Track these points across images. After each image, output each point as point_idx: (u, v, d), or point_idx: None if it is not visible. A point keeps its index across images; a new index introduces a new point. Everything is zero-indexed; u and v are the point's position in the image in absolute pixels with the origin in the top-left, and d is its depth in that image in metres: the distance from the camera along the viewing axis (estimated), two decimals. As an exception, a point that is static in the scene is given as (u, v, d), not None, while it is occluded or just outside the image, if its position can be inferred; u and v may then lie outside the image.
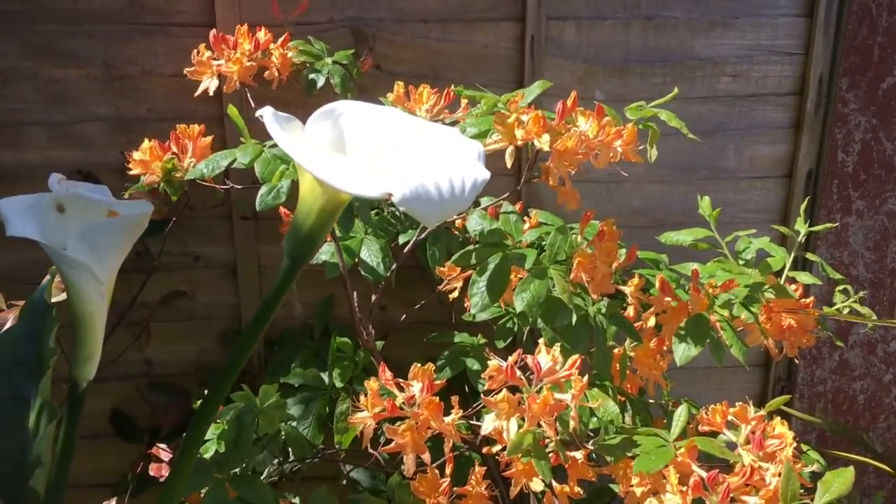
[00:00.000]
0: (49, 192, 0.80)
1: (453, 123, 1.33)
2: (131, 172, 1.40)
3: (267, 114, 0.63)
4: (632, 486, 1.09)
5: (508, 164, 1.22)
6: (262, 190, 1.20)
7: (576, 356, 1.08)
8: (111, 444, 1.80)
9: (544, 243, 1.31)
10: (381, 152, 0.66)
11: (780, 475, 0.96)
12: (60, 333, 0.95)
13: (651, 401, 1.48)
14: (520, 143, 1.21)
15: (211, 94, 1.45)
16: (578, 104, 1.27)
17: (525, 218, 1.43)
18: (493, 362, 1.09)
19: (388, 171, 0.63)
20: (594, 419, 1.25)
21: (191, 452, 0.72)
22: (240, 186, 1.49)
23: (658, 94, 1.38)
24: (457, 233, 1.56)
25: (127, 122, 1.65)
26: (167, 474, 1.33)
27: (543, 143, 1.19)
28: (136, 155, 1.39)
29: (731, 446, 1.09)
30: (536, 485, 1.12)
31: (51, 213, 0.77)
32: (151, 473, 1.39)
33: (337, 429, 1.50)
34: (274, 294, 0.69)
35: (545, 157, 1.26)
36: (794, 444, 1.04)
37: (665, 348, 1.34)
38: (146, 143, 1.39)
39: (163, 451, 1.40)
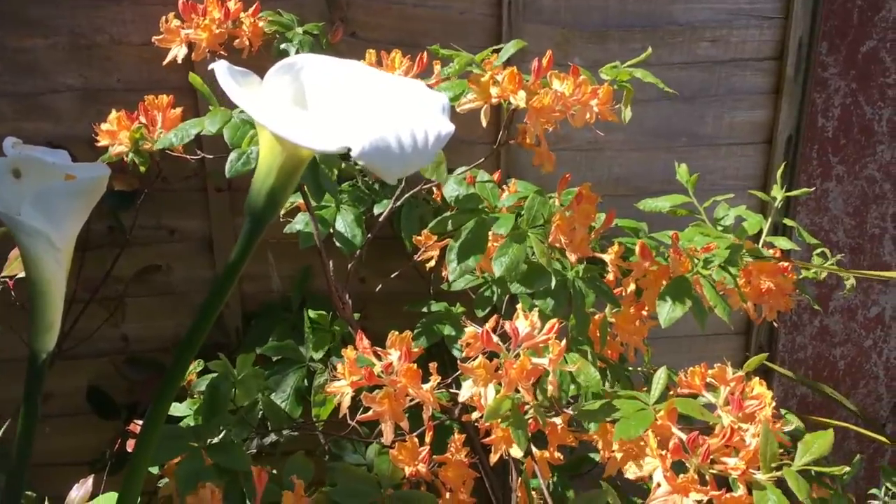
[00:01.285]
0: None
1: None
2: (99, 144, 1.38)
3: (219, 67, 0.60)
4: (613, 451, 1.08)
5: (484, 122, 1.20)
6: (232, 156, 1.17)
7: (554, 320, 1.06)
8: (88, 422, 1.77)
9: (521, 210, 1.30)
10: (343, 106, 0.63)
11: (759, 436, 0.96)
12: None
13: (631, 368, 1.48)
14: (495, 100, 1.19)
15: (179, 62, 1.42)
16: (557, 71, 1.25)
17: (503, 187, 1.41)
18: (471, 329, 1.07)
19: (349, 125, 0.60)
20: (573, 386, 1.24)
21: (154, 425, 0.69)
22: (212, 156, 1.46)
23: (637, 60, 1.35)
24: (432, 203, 1.54)
25: (96, 93, 1.61)
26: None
27: (519, 99, 1.16)
28: (104, 126, 1.37)
29: (711, 408, 1.09)
30: (516, 451, 1.11)
31: (6, 178, 0.74)
32: (129, 450, 1.37)
33: (315, 402, 1.48)
34: (236, 258, 0.66)
35: (522, 119, 1.24)
36: (773, 405, 1.03)
37: (645, 314, 1.33)
38: (114, 114, 1.37)
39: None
